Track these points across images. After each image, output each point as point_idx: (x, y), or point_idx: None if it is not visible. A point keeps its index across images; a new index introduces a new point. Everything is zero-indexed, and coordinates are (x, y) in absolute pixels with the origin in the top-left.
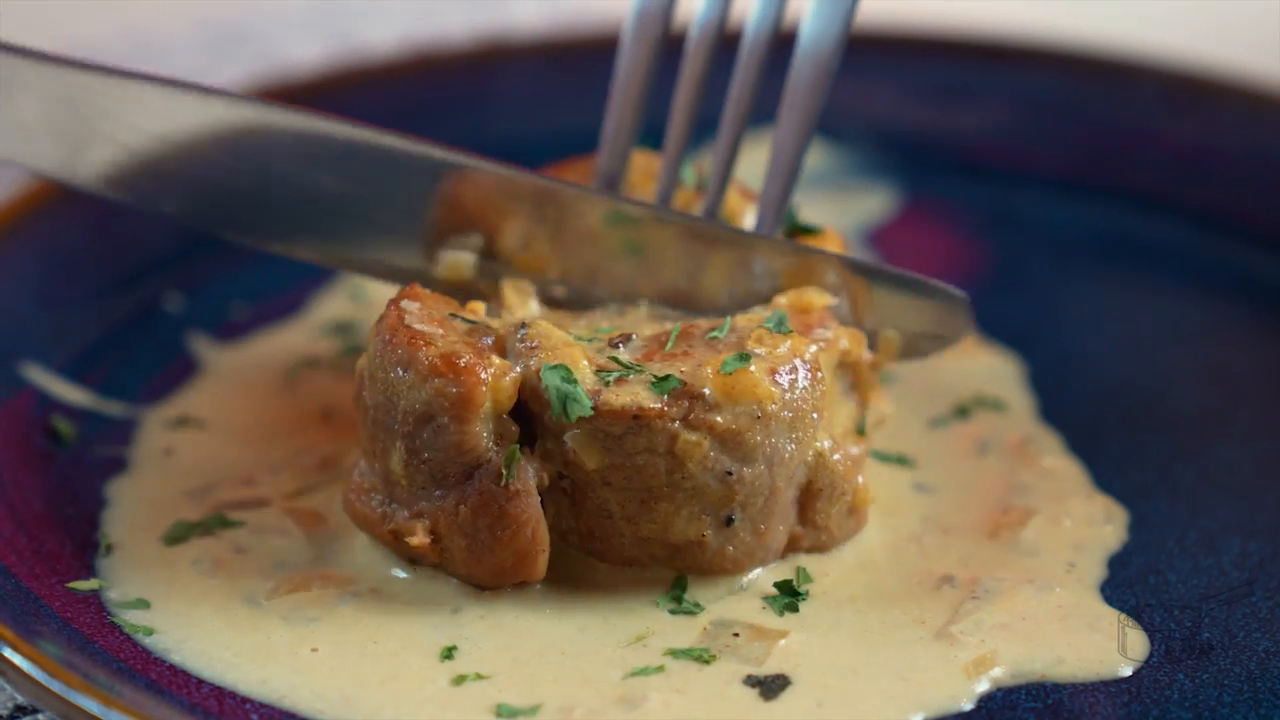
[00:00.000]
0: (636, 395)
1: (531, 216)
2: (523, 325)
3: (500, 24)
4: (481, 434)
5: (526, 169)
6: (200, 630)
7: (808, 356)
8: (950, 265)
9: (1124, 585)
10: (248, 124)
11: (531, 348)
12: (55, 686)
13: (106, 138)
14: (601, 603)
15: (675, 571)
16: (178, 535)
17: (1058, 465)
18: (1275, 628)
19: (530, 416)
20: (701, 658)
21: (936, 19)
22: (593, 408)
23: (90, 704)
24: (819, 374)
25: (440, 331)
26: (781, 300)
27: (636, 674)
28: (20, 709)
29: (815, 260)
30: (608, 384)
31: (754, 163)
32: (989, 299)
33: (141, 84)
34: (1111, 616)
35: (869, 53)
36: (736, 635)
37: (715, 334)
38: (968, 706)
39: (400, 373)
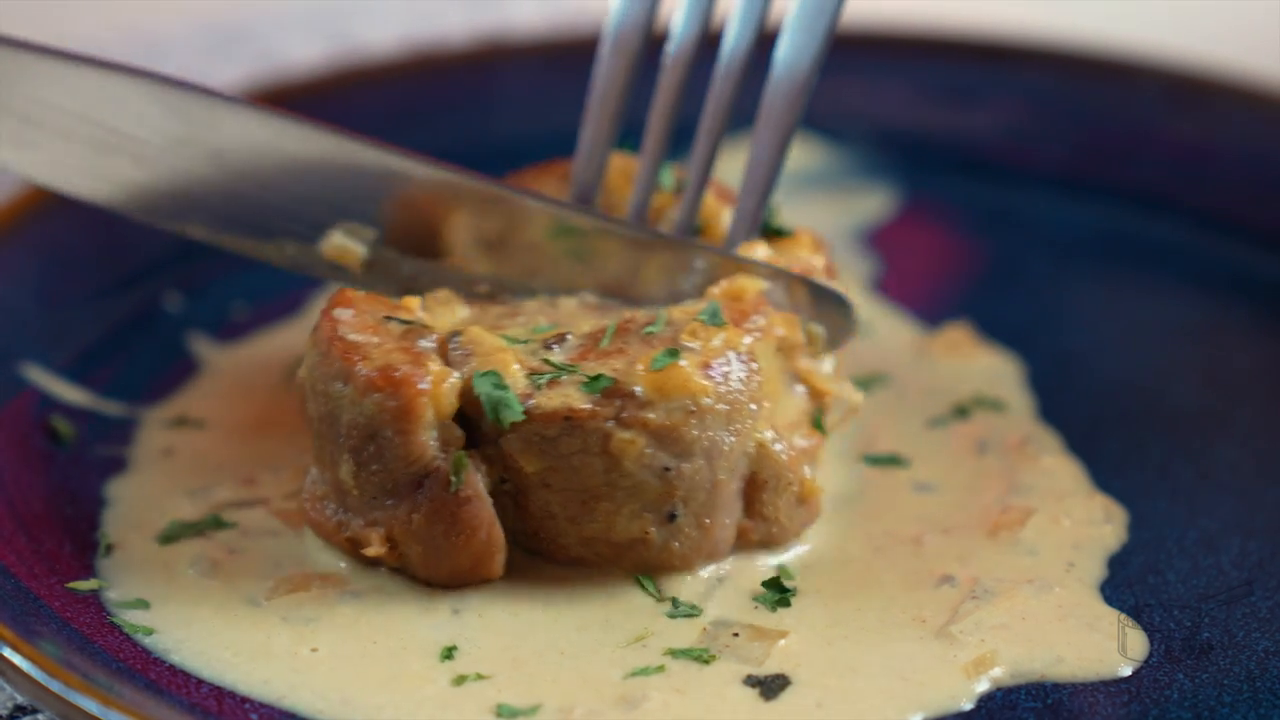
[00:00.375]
0: (568, 397)
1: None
2: (455, 334)
3: (499, 24)
4: (427, 443)
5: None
6: (200, 630)
7: (742, 348)
8: (950, 265)
9: (1124, 585)
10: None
11: (465, 355)
12: (55, 686)
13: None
14: (602, 602)
15: (624, 570)
16: (172, 534)
17: (1057, 465)
18: (1275, 628)
19: (473, 420)
20: (701, 658)
21: (937, 19)
22: (524, 412)
23: (90, 704)
24: (754, 365)
25: (376, 340)
26: (715, 290)
27: (636, 674)
28: (20, 709)
29: (742, 267)
30: (539, 387)
31: (733, 165)
32: (989, 299)
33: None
34: (1111, 616)
35: (869, 53)
36: (736, 635)
37: (651, 329)
38: (968, 706)
39: (340, 386)
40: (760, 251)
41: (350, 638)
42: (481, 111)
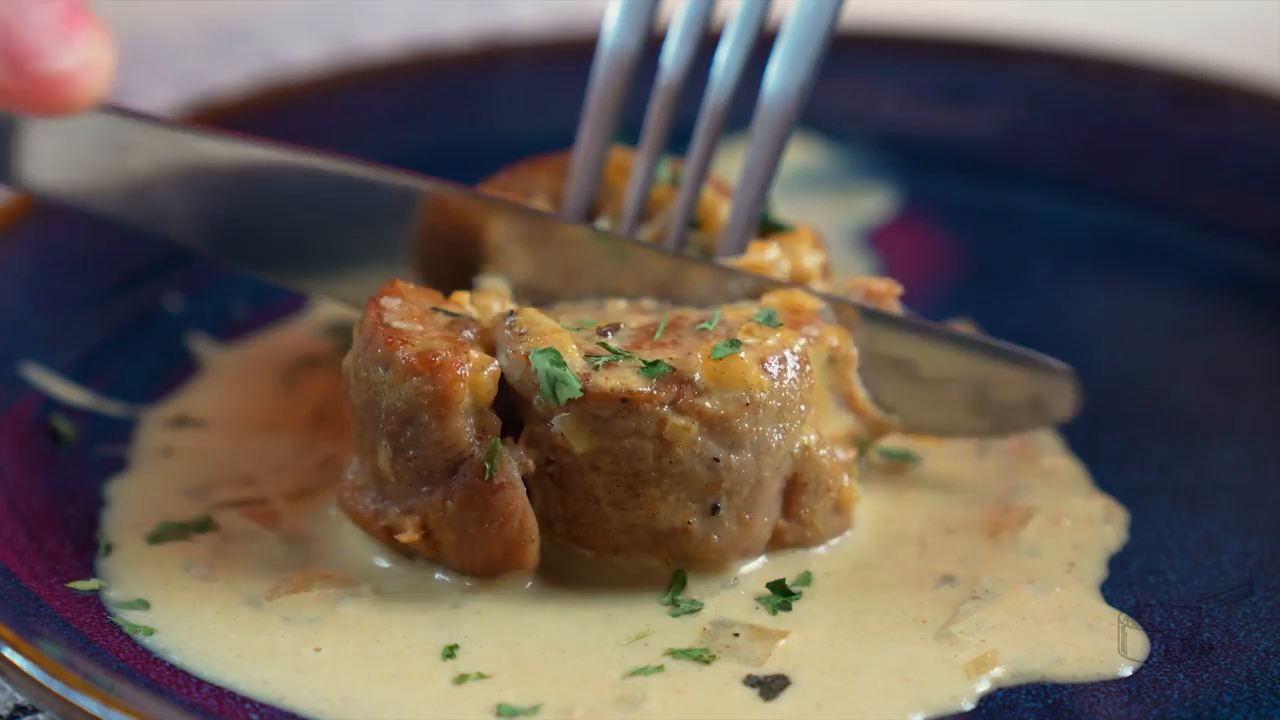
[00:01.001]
0: (626, 379)
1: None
2: (510, 313)
3: (499, 24)
4: (463, 429)
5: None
6: (201, 631)
7: (797, 349)
8: (950, 265)
9: (1124, 585)
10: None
11: (520, 334)
12: (55, 686)
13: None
14: (604, 598)
15: (660, 560)
16: (161, 535)
17: (1058, 465)
18: (1275, 628)
19: (515, 406)
20: (701, 658)
21: (937, 19)
22: (581, 390)
23: (90, 704)
24: (807, 366)
25: (419, 328)
26: (772, 299)
27: (636, 674)
28: (20, 709)
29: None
30: (596, 368)
31: (730, 163)
32: (989, 299)
33: None
34: (1111, 616)
35: (868, 53)
36: (736, 635)
37: (704, 325)
38: (968, 706)
39: (381, 372)
40: (771, 252)
41: (353, 637)
42: (481, 111)
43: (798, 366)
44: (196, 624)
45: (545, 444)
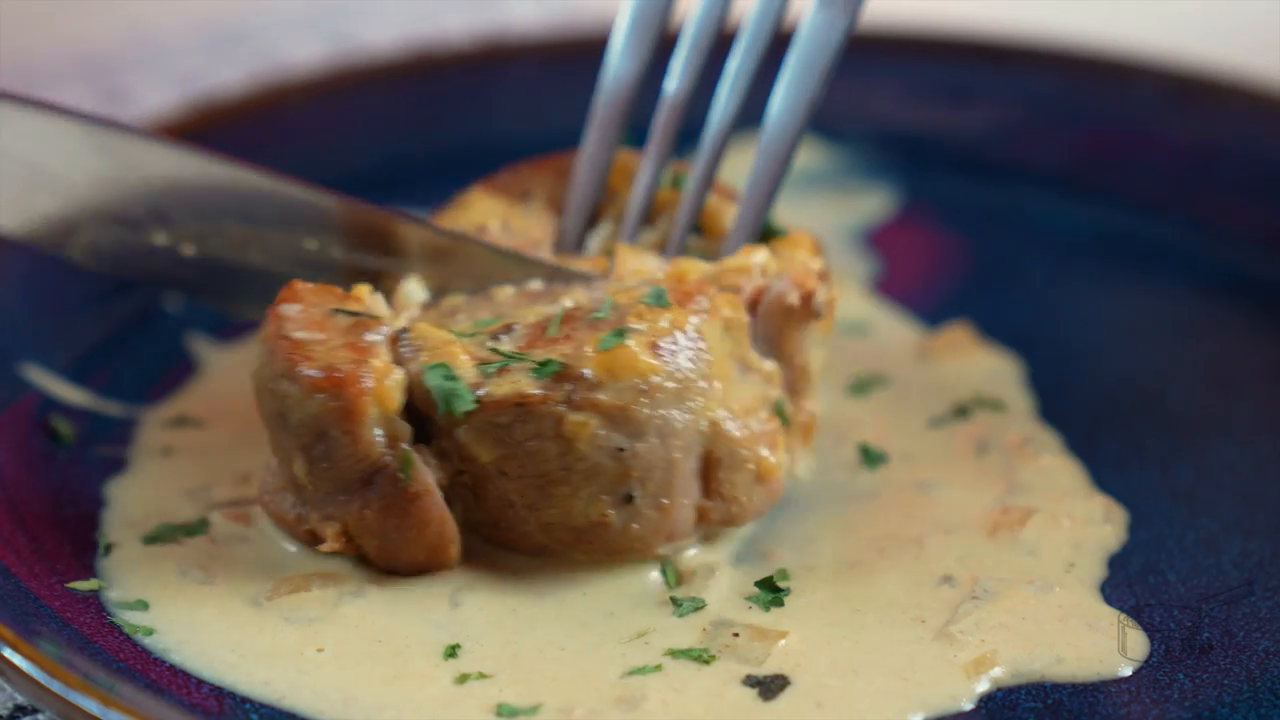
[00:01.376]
0: (518, 383)
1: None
2: (403, 330)
3: (499, 24)
4: (374, 440)
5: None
6: (202, 631)
7: (689, 327)
8: (950, 265)
9: (1124, 585)
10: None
11: (415, 351)
12: (55, 686)
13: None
14: (606, 595)
15: (585, 554)
16: (160, 535)
17: (1057, 465)
18: (1275, 628)
19: (424, 417)
20: (701, 658)
21: (937, 19)
22: (475, 401)
23: (90, 704)
24: (702, 344)
25: (321, 337)
26: (659, 273)
27: (635, 673)
28: (20, 709)
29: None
30: (489, 376)
31: (736, 164)
32: (989, 299)
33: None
34: (1111, 616)
35: (869, 53)
36: (736, 635)
37: (597, 315)
38: (968, 706)
39: (286, 385)
40: (759, 255)
41: (355, 637)
42: (481, 111)
43: (692, 345)
44: (197, 625)
45: (455, 455)
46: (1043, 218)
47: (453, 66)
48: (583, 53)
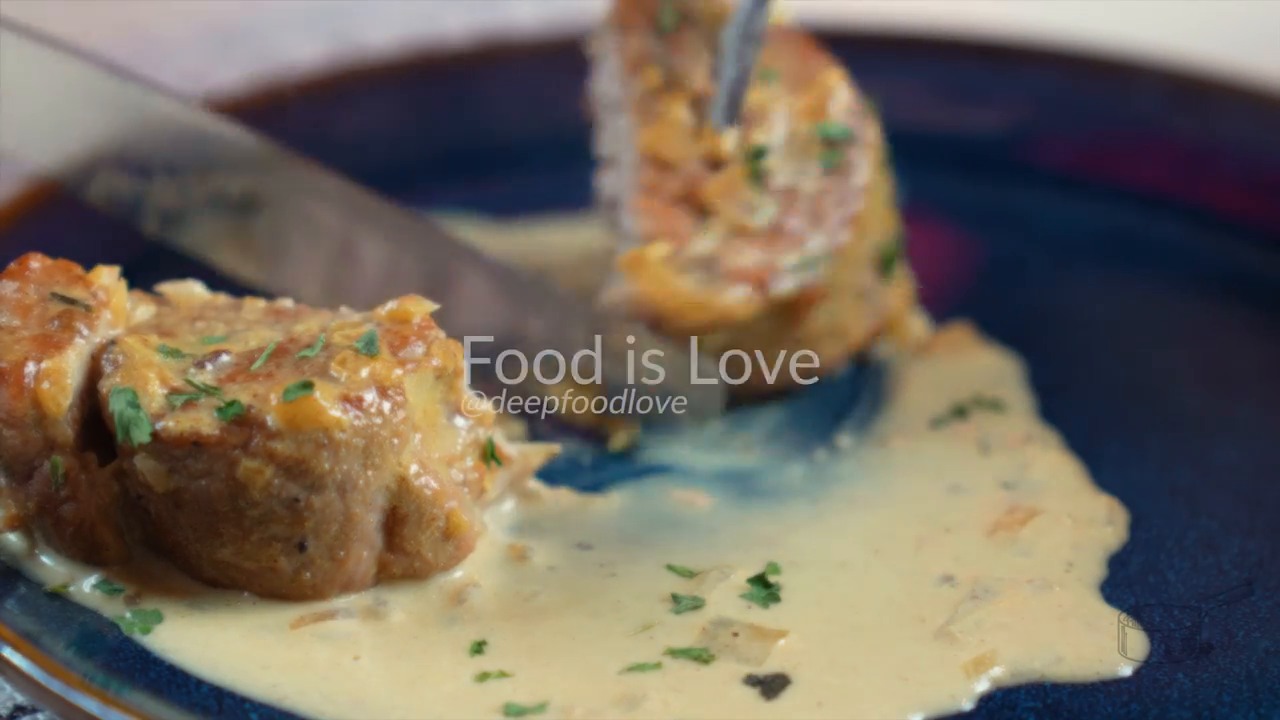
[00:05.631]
0: (198, 421)
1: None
2: (112, 342)
3: (499, 24)
4: (32, 438)
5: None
6: (203, 631)
7: (390, 380)
8: (951, 265)
9: (1124, 585)
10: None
11: (114, 368)
12: (55, 686)
13: None
14: (614, 584)
15: (258, 594)
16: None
17: (1058, 465)
18: (1275, 628)
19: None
20: (701, 657)
21: (938, 18)
22: (152, 434)
23: (90, 704)
24: (399, 399)
25: (17, 322)
26: (381, 310)
27: (634, 669)
28: (20, 709)
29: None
30: (174, 408)
31: None
32: (989, 299)
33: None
34: (1111, 616)
35: (869, 52)
36: (736, 634)
37: (307, 353)
38: (967, 706)
39: None
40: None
41: (387, 642)
42: (481, 111)
43: (388, 401)
44: (197, 624)
45: (133, 478)
46: (1044, 217)
47: (453, 66)
48: (583, 53)
